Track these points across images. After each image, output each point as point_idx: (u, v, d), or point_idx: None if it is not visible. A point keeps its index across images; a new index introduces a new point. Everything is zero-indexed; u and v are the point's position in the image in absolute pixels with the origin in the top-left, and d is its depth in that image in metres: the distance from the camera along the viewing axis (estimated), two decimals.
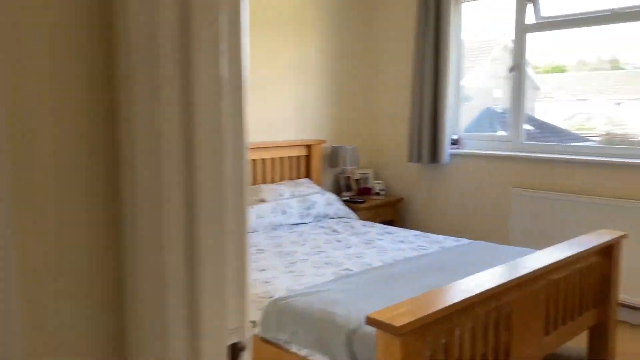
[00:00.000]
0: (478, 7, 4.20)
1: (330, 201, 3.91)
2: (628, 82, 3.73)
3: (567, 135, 3.98)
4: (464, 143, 4.28)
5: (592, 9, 3.55)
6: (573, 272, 2.49)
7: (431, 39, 4.10)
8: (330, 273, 2.61)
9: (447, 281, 2.38)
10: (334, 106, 4.54)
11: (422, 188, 4.48)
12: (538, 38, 3.85)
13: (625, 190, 3.35)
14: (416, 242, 3.22)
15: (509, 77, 3.96)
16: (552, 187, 3.67)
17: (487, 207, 4.05)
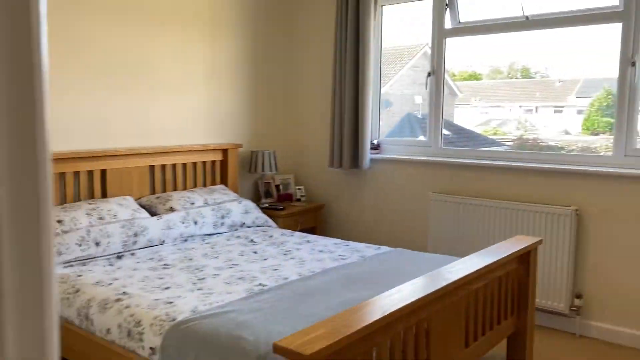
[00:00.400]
0: (398, 12, 4.15)
1: (248, 209, 3.70)
2: (537, 89, 3.84)
3: (483, 140, 4.02)
4: (384, 148, 4.21)
5: (508, 15, 3.58)
6: (492, 280, 2.44)
7: (351, 43, 4.00)
8: (242, 290, 2.40)
9: (366, 295, 2.25)
10: (251, 109, 4.34)
11: (343, 194, 4.37)
12: (454, 44, 3.84)
13: (539, 194, 3.39)
14: (336, 252, 3.08)
15: (427, 82, 3.93)
16: (469, 192, 3.67)
17: (407, 212, 4.00)
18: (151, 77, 3.63)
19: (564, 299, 3.26)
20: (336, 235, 4.37)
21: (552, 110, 3.75)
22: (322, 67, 4.40)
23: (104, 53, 3.36)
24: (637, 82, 3.11)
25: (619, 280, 3.16)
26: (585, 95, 3.57)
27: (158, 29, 3.64)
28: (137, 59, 3.54)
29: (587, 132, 3.53)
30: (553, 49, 3.57)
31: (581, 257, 3.27)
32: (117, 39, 3.43)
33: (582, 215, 3.25)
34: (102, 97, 3.38)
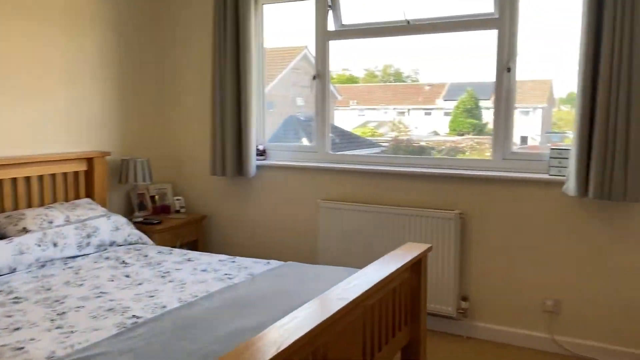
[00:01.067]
0: (279, 12, 3.97)
1: (118, 225, 3.30)
2: (409, 92, 3.95)
3: (362, 142, 4.02)
4: (270, 154, 4.01)
5: (389, 19, 3.56)
6: (387, 293, 2.34)
7: (231, 43, 3.75)
8: (111, 325, 2.06)
9: (257, 322, 2.03)
10: (121, 113, 3.91)
11: (227, 204, 4.10)
12: (334, 48, 3.76)
13: (426, 199, 3.39)
14: (221, 270, 2.81)
15: (312, 85, 3.80)
16: (358, 198, 3.60)
17: (296, 222, 3.84)
18: None
19: (452, 303, 3.29)
20: (221, 249, 4.09)
21: (422, 113, 3.87)
22: (200, 68, 4.09)
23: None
24: (513, 87, 3.21)
25: (500, 281, 3.25)
26: (451, 98, 3.72)
27: (8, 26, 3.12)
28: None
29: (453, 132, 3.67)
30: (423, 54, 3.67)
31: (466, 260, 3.32)
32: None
33: (466, 219, 3.30)
34: None
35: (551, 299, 3.12)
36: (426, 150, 3.73)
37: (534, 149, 3.41)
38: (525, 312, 3.20)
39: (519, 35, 3.17)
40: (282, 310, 2.14)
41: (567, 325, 3.11)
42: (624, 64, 2.70)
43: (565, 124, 3.51)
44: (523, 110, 3.43)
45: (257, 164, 3.88)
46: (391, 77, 4.04)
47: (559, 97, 3.45)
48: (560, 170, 3.05)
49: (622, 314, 2.97)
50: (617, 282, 2.97)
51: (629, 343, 2.96)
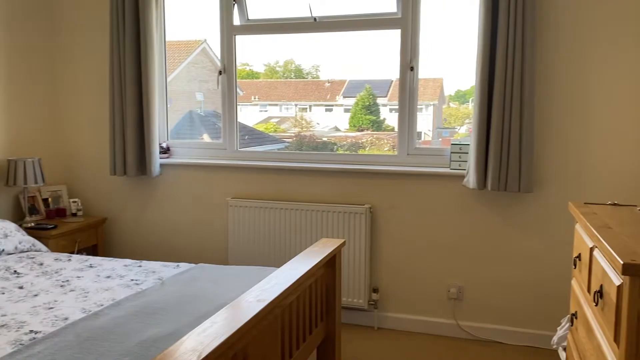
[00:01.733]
0: (179, 3, 3.82)
1: (7, 232, 3.01)
2: (310, 89, 4.01)
3: (266, 138, 4.01)
4: (175, 151, 3.86)
5: (294, 15, 3.55)
6: (304, 290, 2.33)
7: (131, 34, 3.54)
8: (6, 342, 1.87)
9: (171, 329, 1.94)
10: (6, 110, 3.56)
11: (130, 205, 3.89)
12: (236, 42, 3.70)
13: (337, 194, 3.43)
14: (127, 276, 2.66)
15: (218, 80, 3.70)
16: (268, 196, 3.56)
17: (205, 222, 3.73)
18: None
19: (363, 295, 3.37)
20: (124, 254, 3.87)
21: (323, 109, 3.94)
22: (96, 60, 3.83)
23: None
24: (416, 85, 3.34)
25: (408, 271, 3.37)
26: (351, 95, 3.81)
27: None
28: None
29: (353, 128, 3.76)
30: (323, 51, 3.74)
31: (376, 252, 3.41)
32: None
33: (375, 213, 3.39)
34: None
35: (455, 286, 3.29)
36: (329, 146, 3.79)
37: (427, 144, 3.57)
38: (432, 300, 3.35)
39: (421, 35, 3.29)
40: (197, 315, 2.07)
41: (470, 310, 3.29)
42: (517, 63, 2.89)
43: (454, 120, 3.72)
44: (418, 107, 3.59)
45: (161, 162, 3.72)
46: (292, 73, 4.06)
47: (448, 95, 3.65)
48: (460, 164, 3.22)
49: (518, 296, 3.20)
50: (511, 266, 3.19)
51: (525, 323, 3.20)
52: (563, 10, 2.95)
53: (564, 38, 2.97)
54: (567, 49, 2.97)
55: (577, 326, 1.96)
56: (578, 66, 2.96)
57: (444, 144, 3.50)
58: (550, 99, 3.03)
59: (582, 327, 1.86)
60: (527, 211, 3.13)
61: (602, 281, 1.58)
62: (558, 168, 3.05)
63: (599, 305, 1.60)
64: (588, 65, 2.95)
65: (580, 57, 2.95)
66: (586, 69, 2.95)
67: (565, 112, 3.01)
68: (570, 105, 3.00)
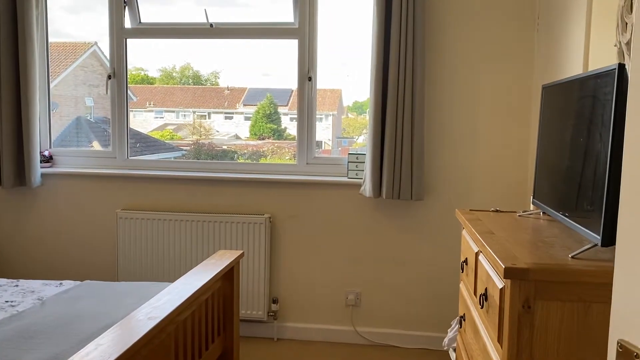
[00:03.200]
0: (66, 3, 3.57)
1: None
2: (209, 96, 3.95)
3: (162, 146, 3.88)
4: (58, 160, 3.58)
5: (190, 20, 3.46)
6: (199, 305, 2.25)
7: (7, 33, 3.25)
8: None
9: (50, 354, 1.78)
10: None
11: (6, 218, 3.54)
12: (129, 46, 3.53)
13: (235, 204, 3.37)
14: (2, 297, 2.41)
15: (108, 85, 3.50)
16: (162, 207, 3.41)
17: (92, 236, 3.49)
18: None
19: (262, 306, 3.32)
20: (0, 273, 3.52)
21: (223, 117, 3.90)
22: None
23: None
24: (314, 96, 3.37)
25: (307, 280, 3.38)
26: (251, 103, 3.79)
27: None
28: None
29: (254, 137, 3.75)
30: (224, 58, 3.70)
31: (276, 262, 3.39)
32: None
33: (274, 222, 3.36)
34: None
35: (353, 293, 3.35)
36: (229, 154, 3.72)
37: (328, 153, 3.63)
38: (331, 308, 3.38)
39: (318, 46, 3.34)
40: (82, 337, 1.91)
41: (366, 316, 3.37)
42: (408, 75, 3.02)
43: (353, 130, 3.83)
44: (317, 116, 3.64)
45: (42, 171, 3.43)
46: (190, 79, 3.95)
47: (347, 105, 3.75)
48: (357, 173, 3.29)
49: (412, 300, 3.32)
50: (405, 272, 3.31)
51: (419, 326, 3.32)
52: (451, 27, 3.14)
53: (452, 53, 3.15)
54: (454, 61, 3.15)
55: (465, 328, 2.06)
56: (465, 78, 3.15)
57: (343, 153, 3.57)
58: (440, 110, 3.19)
59: (470, 328, 1.96)
60: (419, 218, 3.27)
61: (486, 284, 1.67)
62: (447, 176, 3.22)
63: (484, 307, 1.69)
64: (474, 78, 3.15)
65: (466, 69, 3.15)
66: (472, 81, 3.15)
67: (454, 123, 3.19)
68: (458, 116, 3.18)
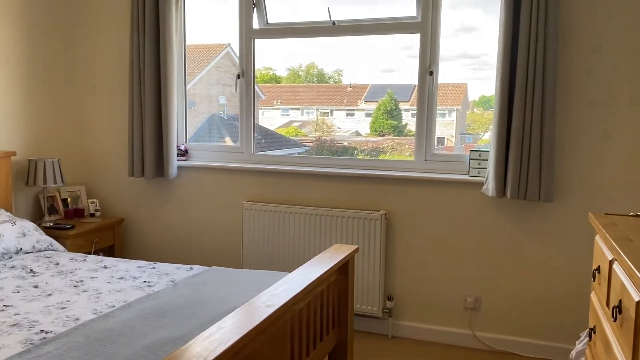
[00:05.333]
0: (202, 6, 3.84)
1: (26, 231, 3.05)
2: (332, 94, 3.99)
3: (286, 142, 4.00)
4: (192, 154, 3.87)
5: (314, 19, 3.54)
6: (315, 296, 2.31)
7: (151, 37, 3.57)
8: (16, 342, 1.88)
9: (180, 332, 1.93)
10: (27, 110, 3.62)
11: (146, 207, 3.91)
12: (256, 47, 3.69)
13: (351, 200, 3.40)
14: (140, 277, 2.66)
15: (237, 84, 3.70)
16: (283, 200, 3.55)
17: (219, 225, 3.73)
18: None
19: (377, 302, 3.32)
20: (140, 255, 3.89)
21: (345, 114, 3.92)
22: (116, 63, 3.87)
23: None
24: (435, 90, 3.29)
25: (423, 279, 3.32)
26: (373, 100, 3.77)
27: None
28: None
29: (374, 133, 3.73)
30: (346, 56, 3.72)
31: (391, 259, 3.37)
32: None
33: (390, 219, 3.34)
34: None
35: (471, 296, 3.23)
36: (349, 151, 3.76)
37: (450, 150, 3.52)
38: (447, 310, 3.29)
39: (440, 39, 3.25)
40: (207, 319, 2.05)
41: (486, 321, 3.22)
42: (538, 69, 2.83)
43: (478, 126, 3.66)
44: (440, 112, 3.54)
45: (178, 164, 3.73)
46: (314, 78, 4.05)
47: (472, 100, 3.59)
48: (480, 171, 3.16)
49: (536, 308, 3.12)
50: (530, 277, 3.11)
51: (542, 336, 3.12)
52: (586, 15, 2.88)
53: (587, 43, 2.90)
54: (590, 54, 2.90)
55: (595, 341, 1.89)
56: (601, 73, 2.88)
57: (466, 150, 3.44)
58: (572, 107, 2.95)
59: (600, 342, 1.80)
60: (547, 221, 3.06)
61: (621, 296, 1.52)
62: (579, 177, 2.97)
63: (617, 320, 1.54)
64: (611, 69, 2.87)
65: (603, 62, 2.88)
66: (609, 73, 2.87)
67: (586, 120, 2.94)
68: (592, 113, 2.92)
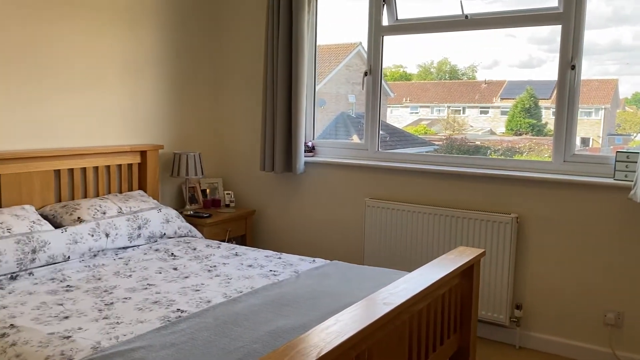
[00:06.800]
0: (333, 7, 3.91)
1: (169, 217, 3.34)
2: (464, 91, 3.83)
3: (414, 140, 3.93)
4: (319, 150, 3.97)
5: (446, 13, 3.44)
6: (436, 298, 2.25)
7: (284, 38, 3.72)
8: (156, 318, 2.07)
9: (300, 322, 1.99)
10: (174, 107, 3.97)
11: (275, 200, 4.09)
12: (386, 44, 3.67)
13: (479, 201, 3.26)
14: (267, 266, 2.80)
15: (364, 81, 3.72)
16: (407, 198, 3.50)
17: (342, 220, 3.78)
18: (56, 69, 3.19)
19: (504, 310, 3.15)
20: (268, 245, 4.09)
21: (478, 111, 3.74)
22: (252, 63, 4.09)
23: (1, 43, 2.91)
24: (577, 86, 3.03)
25: (557, 289, 3.08)
26: (509, 97, 3.57)
27: (66, 17, 3.21)
28: (40, 50, 3.10)
29: (510, 132, 3.51)
30: (480, 50, 3.55)
31: (521, 266, 3.17)
32: (13, 26, 2.97)
33: (522, 223, 3.15)
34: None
35: (613, 311, 2.93)
36: (481, 150, 3.60)
37: (595, 152, 3.22)
38: (584, 324, 3.02)
39: (585, 31, 2.99)
40: (326, 311, 2.10)
41: (630, 340, 2.91)
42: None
43: (630, 126, 3.30)
44: (585, 110, 3.25)
45: (305, 160, 3.85)
46: (446, 74, 3.92)
47: (624, 98, 3.24)
48: (627, 175, 2.85)
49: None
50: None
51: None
52: None
53: None
54: None
55: None
56: None
57: (614, 152, 3.12)
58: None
59: None
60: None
61: None
62: None
63: None
64: None
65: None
66: None
67: None
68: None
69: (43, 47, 3.12)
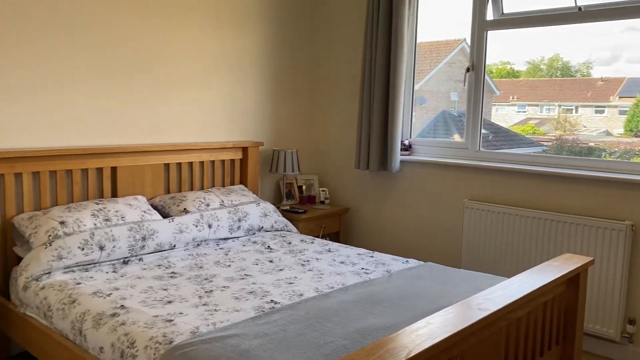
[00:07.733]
0: (435, 2, 3.82)
1: (267, 212, 3.45)
2: (578, 89, 3.55)
3: (521, 140, 3.72)
4: (416, 149, 3.90)
5: (557, 6, 3.23)
6: (537, 306, 2.12)
7: (383, 35, 3.69)
8: (251, 307, 2.15)
9: (389, 322, 1.97)
10: (274, 105, 4.09)
11: (369, 198, 4.08)
12: (491, 38, 3.50)
13: (588, 206, 3.03)
14: (359, 264, 2.80)
15: (466, 78, 3.60)
16: (509, 201, 3.34)
17: (439, 221, 3.69)
18: (167, 69, 3.41)
19: (615, 325, 2.91)
20: (361, 243, 4.09)
21: (593, 110, 3.46)
22: (350, 61, 4.11)
23: (116, 44, 3.16)
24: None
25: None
26: (630, 95, 3.28)
27: (175, 19, 3.42)
28: (152, 50, 3.33)
29: (629, 133, 3.22)
30: (596, 45, 3.27)
31: (636, 278, 2.91)
32: (131, 29, 3.22)
33: (638, 231, 2.88)
34: (114, 90, 3.18)
35: None
36: (595, 152, 3.33)
37: None
38: None
39: None
40: (417, 313, 2.06)
41: None
42: None
43: None
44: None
45: (401, 159, 3.80)
46: (557, 71, 3.68)
47: None
48: None
49: None
50: None
51: None
52: None
53: None
54: None
55: None
56: None
57: None
58: None
59: None
60: None
61: None
62: None
63: None
64: None
65: None
66: None
67: None
68: None
69: (156, 50, 3.34)
